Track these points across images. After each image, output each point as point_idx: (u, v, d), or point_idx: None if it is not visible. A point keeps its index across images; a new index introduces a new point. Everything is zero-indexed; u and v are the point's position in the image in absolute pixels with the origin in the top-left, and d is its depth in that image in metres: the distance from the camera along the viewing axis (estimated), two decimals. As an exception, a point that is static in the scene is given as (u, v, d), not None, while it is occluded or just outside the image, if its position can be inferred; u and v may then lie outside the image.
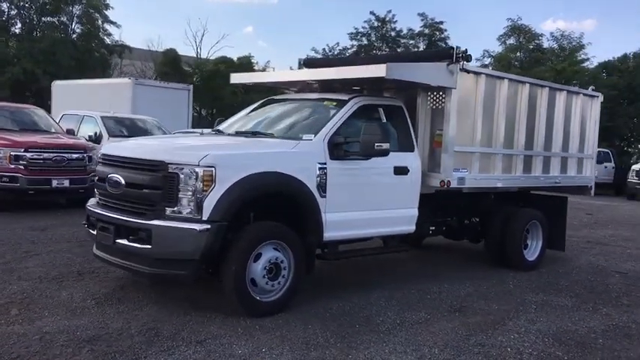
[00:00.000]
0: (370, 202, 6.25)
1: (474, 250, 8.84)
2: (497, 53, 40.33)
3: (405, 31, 47.14)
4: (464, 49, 6.64)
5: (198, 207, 4.98)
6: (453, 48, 6.69)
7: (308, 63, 8.37)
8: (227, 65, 45.68)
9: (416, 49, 41.36)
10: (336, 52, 49.15)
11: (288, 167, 5.52)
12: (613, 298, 6.90)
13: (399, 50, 40.93)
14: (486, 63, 41.14)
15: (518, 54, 39.28)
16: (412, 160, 6.59)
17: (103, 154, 5.89)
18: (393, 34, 48.83)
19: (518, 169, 7.87)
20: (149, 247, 5.04)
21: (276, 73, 7.50)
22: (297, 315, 5.42)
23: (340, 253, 6.27)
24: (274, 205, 5.54)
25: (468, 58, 6.70)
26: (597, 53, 52.13)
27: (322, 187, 5.73)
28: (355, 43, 48.87)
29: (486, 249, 8.15)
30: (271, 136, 6.21)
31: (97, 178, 5.91)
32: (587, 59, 37.63)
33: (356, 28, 47.42)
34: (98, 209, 5.68)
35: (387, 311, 5.77)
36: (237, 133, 6.52)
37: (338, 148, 5.89)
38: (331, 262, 6.08)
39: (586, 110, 8.95)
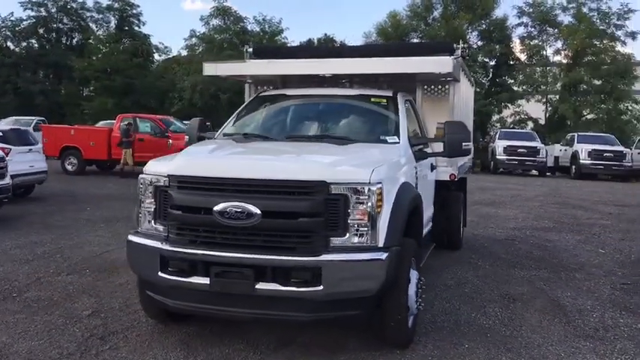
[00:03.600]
0: (426, 202, 5.98)
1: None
2: (201, 33, 40.49)
3: (90, 5, 44.12)
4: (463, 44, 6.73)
5: (374, 232, 4.15)
6: (455, 42, 6.73)
7: (259, 52, 7.29)
8: None
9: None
10: (9, 24, 43.30)
11: (408, 175, 4.96)
12: (567, 265, 7.77)
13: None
14: (194, 43, 41.08)
15: (224, 35, 39.91)
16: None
17: (191, 177, 4.29)
18: (75, 5, 45.00)
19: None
20: (319, 288, 4.00)
21: (301, 63, 6.34)
22: (430, 335, 4.96)
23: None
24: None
25: (470, 53, 6.80)
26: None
27: (416, 192, 5.29)
28: (32, 13, 43.70)
29: (432, 233, 8.38)
30: (348, 140, 5.21)
31: (176, 207, 4.28)
32: (287, 43, 40.49)
33: (28, -3, 42.54)
34: (205, 250, 4.16)
35: (488, 312, 5.64)
36: (293, 138, 5.44)
37: (416, 149, 5.49)
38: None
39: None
